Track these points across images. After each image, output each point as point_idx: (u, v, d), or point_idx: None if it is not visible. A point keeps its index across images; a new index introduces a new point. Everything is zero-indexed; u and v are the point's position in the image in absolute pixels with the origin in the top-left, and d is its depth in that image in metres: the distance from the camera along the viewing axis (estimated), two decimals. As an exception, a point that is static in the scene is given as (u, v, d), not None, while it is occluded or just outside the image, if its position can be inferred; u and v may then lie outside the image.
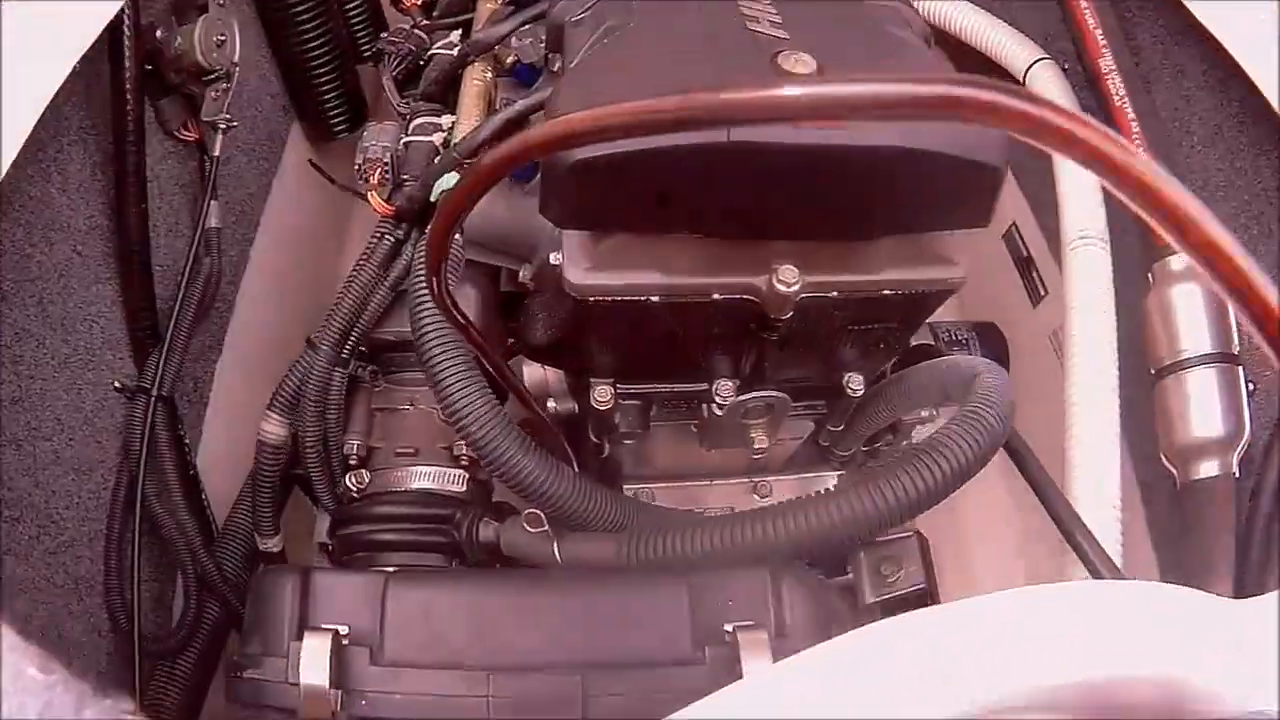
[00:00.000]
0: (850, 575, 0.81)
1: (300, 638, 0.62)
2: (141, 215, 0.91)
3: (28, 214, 0.80)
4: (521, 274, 0.82)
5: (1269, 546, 0.78)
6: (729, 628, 0.65)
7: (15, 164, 0.70)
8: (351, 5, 1.18)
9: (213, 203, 0.98)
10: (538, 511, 0.73)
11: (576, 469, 0.73)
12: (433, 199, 0.77)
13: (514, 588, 0.69)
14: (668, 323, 0.66)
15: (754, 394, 0.72)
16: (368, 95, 1.26)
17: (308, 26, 1.11)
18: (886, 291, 0.66)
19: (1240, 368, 0.84)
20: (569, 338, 0.76)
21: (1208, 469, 0.82)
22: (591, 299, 0.63)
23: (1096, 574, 0.72)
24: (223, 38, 0.96)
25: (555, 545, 0.73)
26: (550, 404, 0.85)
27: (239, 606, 0.95)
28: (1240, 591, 0.76)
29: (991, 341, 1.03)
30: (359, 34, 1.19)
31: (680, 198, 0.58)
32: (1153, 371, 0.88)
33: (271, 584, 0.66)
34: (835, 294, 0.64)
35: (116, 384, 0.94)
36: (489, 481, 0.86)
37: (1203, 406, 0.84)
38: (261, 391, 1.20)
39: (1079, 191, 0.95)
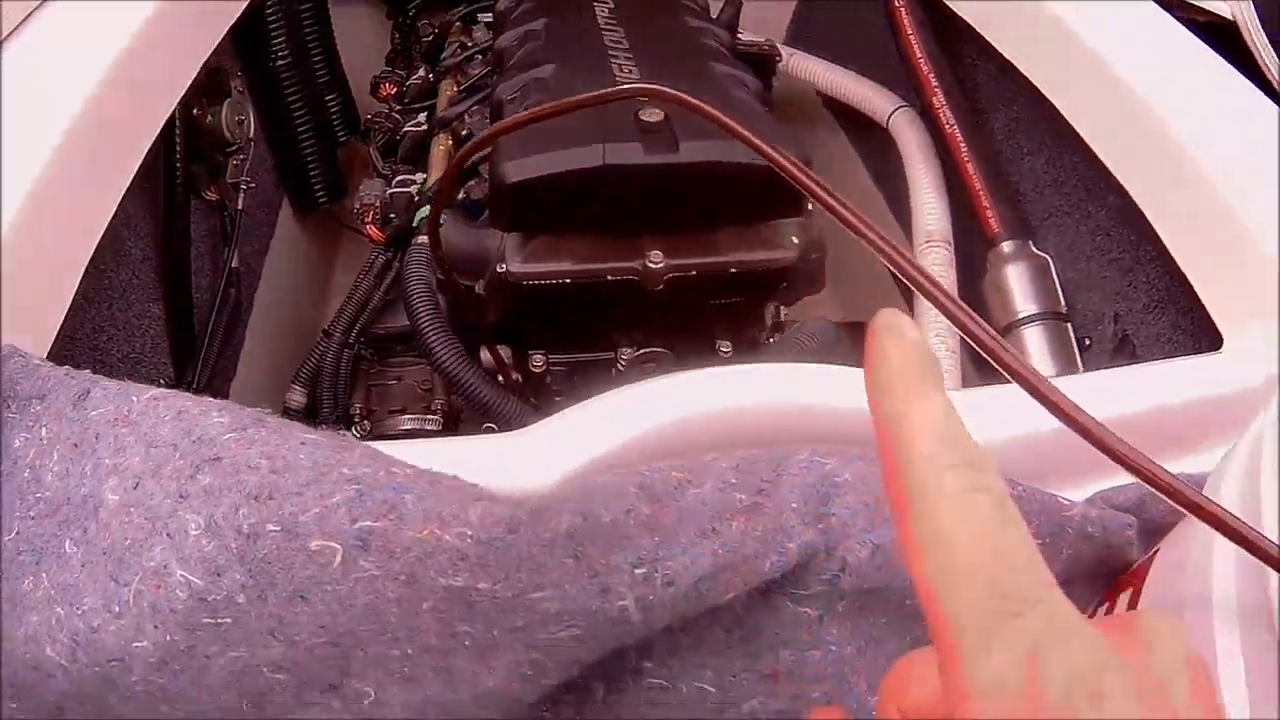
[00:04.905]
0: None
1: None
2: (185, 253, 1.20)
3: (105, 239, 1.06)
4: (477, 287, 1.14)
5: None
6: None
7: None
8: (330, 97, 1.50)
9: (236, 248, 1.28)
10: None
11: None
12: (414, 224, 1.09)
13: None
14: (578, 299, 0.87)
15: (642, 350, 0.94)
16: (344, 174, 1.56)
17: (299, 113, 1.42)
18: (733, 269, 0.87)
19: (1069, 324, 0.99)
20: (511, 316, 0.95)
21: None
22: (525, 283, 0.86)
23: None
24: (242, 117, 1.27)
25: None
26: (500, 378, 1.15)
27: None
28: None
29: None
30: (335, 121, 1.51)
31: (580, 207, 0.81)
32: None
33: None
34: (694, 272, 0.85)
35: (162, 381, 1.21)
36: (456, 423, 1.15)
37: (1038, 357, 0.97)
38: (263, 389, 1.47)
39: (928, 199, 1.12)
